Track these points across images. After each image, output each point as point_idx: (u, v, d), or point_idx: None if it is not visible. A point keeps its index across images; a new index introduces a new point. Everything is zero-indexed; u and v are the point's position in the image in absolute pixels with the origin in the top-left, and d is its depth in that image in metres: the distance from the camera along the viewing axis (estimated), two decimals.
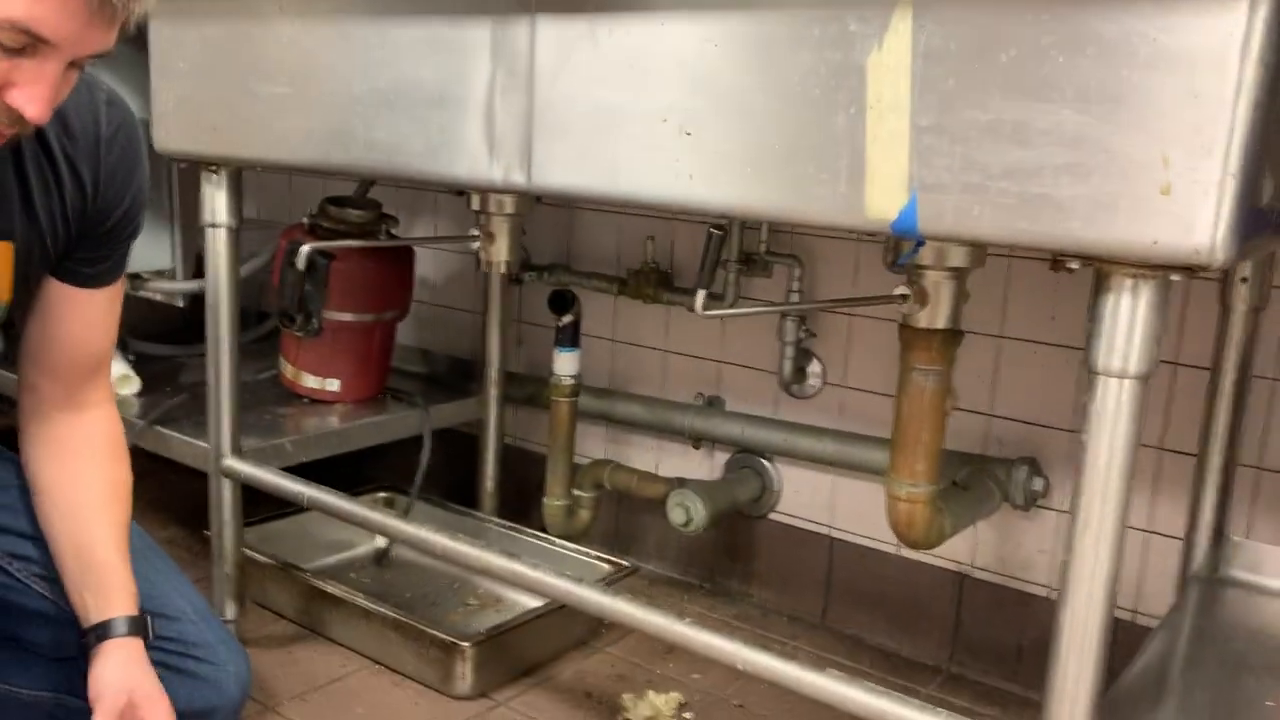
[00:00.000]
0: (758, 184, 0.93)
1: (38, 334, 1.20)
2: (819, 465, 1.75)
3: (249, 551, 1.61)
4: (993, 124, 0.82)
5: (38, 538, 1.24)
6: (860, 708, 1.01)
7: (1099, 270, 0.82)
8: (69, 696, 1.28)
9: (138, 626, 1.18)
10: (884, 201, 0.87)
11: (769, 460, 1.80)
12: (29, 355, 1.22)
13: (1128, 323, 0.81)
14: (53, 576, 1.23)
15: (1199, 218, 0.75)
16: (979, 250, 1.13)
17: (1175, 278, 0.79)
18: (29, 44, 0.86)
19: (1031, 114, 0.81)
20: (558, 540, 1.81)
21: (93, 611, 1.18)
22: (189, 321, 2.16)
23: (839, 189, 0.89)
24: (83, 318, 1.21)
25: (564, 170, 1.07)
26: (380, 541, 1.90)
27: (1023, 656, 1.60)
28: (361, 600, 1.56)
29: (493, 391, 1.95)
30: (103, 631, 1.18)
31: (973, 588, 1.63)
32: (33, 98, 0.86)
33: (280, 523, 1.81)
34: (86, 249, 1.18)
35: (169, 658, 1.25)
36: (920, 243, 0.89)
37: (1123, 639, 1.11)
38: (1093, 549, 0.87)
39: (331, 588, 1.61)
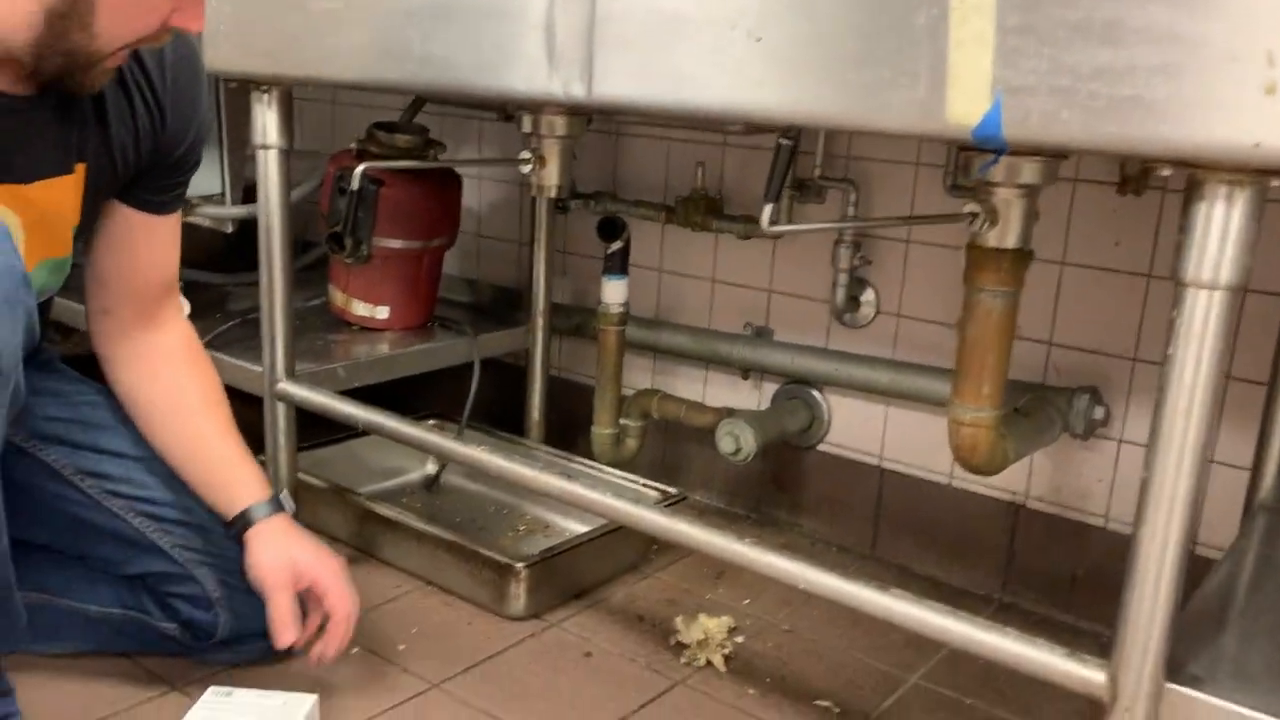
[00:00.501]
0: (831, 90, 0.90)
1: (112, 263, 1.25)
2: (870, 395, 1.73)
3: (302, 476, 1.62)
4: (1082, 23, 0.79)
5: (114, 454, 1.27)
6: (923, 626, 1.00)
7: (1192, 177, 0.79)
8: (136, 613, 1.30)
9: (275, 506, 1.24)
10: (966, 106, 0.84)
11: (819, 391, 1.79)
12: (102, 282, 1.26)
13: (1221, 231, 0.78)
14: (125, 493, 1.26)
15: None
16: (1051, 166, 1.10)
17: (1277, 183, 0.76)
18: None
19: (1124, 11, 0.77)
20: (607, 468, 1.81)
21: (225, 508, 1.24)
22: (235, 250, 2.16)
23: (917, 94, 0.86)
24: (154, 243, 1.27)
25: (626, 82, 1.04)
26: (430, 468, 1.91)
27: (1077, 587, 1.58)
28: (415, 523, 1.57)
29: (539, 321, 1.94)
30: (243, 523, 1.23)
31: (1028, 518, 1.62)
32: (196, 17, 0.96)
33: (331, 449, 1.83)
34: (156, 177, 1.23)
35: (233, 578, 1.28)
36: (1000, 152, 0.86)
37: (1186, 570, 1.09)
38: (1174, 470, 0.85)
39: (385, 510, 1.62)
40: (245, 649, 1.31)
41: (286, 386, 1.52)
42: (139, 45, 1.01)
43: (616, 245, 1.74)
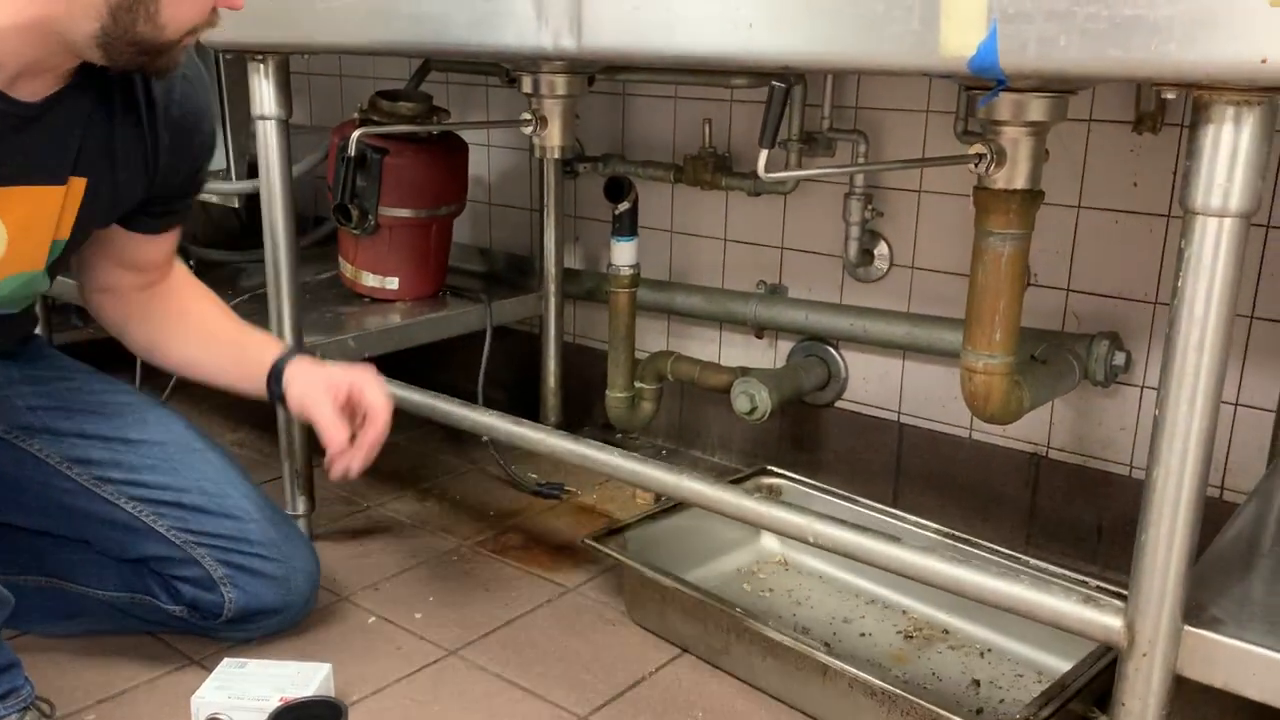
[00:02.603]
0: (823, 27, 0.88)
1: (107, 267, 1.28)
2: (887, 350, 1.70)
3: (640, 569, 1.36)
4: None
5: (101, 438, 1.26)
6: (936, 578, 0.98)
7: (1198, 99, 0.76)
8: (142, 595, 1.30)
9: (295, 351, 1.30)
10: (960, 37, 0.81)
11: (834, 347, 1.76)
12: (97, 278, 1.29)
13: (1229, 155, 0.75)
14: (115, 478, 1.25)
15: None
16: (1059, 102, 1.06)
17: None
18: None
19: None
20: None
21: (259, 374, 1.26)
22: (246, 229, 2.16)
23: (911, 26, 0.83)
24: (152, 252, 1.29)
25: (615, 31, 1.02)
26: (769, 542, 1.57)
27: (1103, 537, 1.56)
28: (826, 659, 1.18)
29: (551, 287, 1.93)
30: (275, 374, 1.25)
31: (1049, 469, 1.59)
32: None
33: (649, 527, 1.48)
34: (163, 201, 1.23)
35: (234, 557, 1.28)
36: (1001, 83, 0.83)
37: (1208, 515, 1.06)
38: (1187, 407, 0.82)
39: (773, 633, 1.23)
40: (256, 626, 1.31)
41: None
42: (199, 31, 1.01)
43: (624, 206, 1.72)
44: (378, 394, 1.21)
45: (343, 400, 1.20)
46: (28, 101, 1.00)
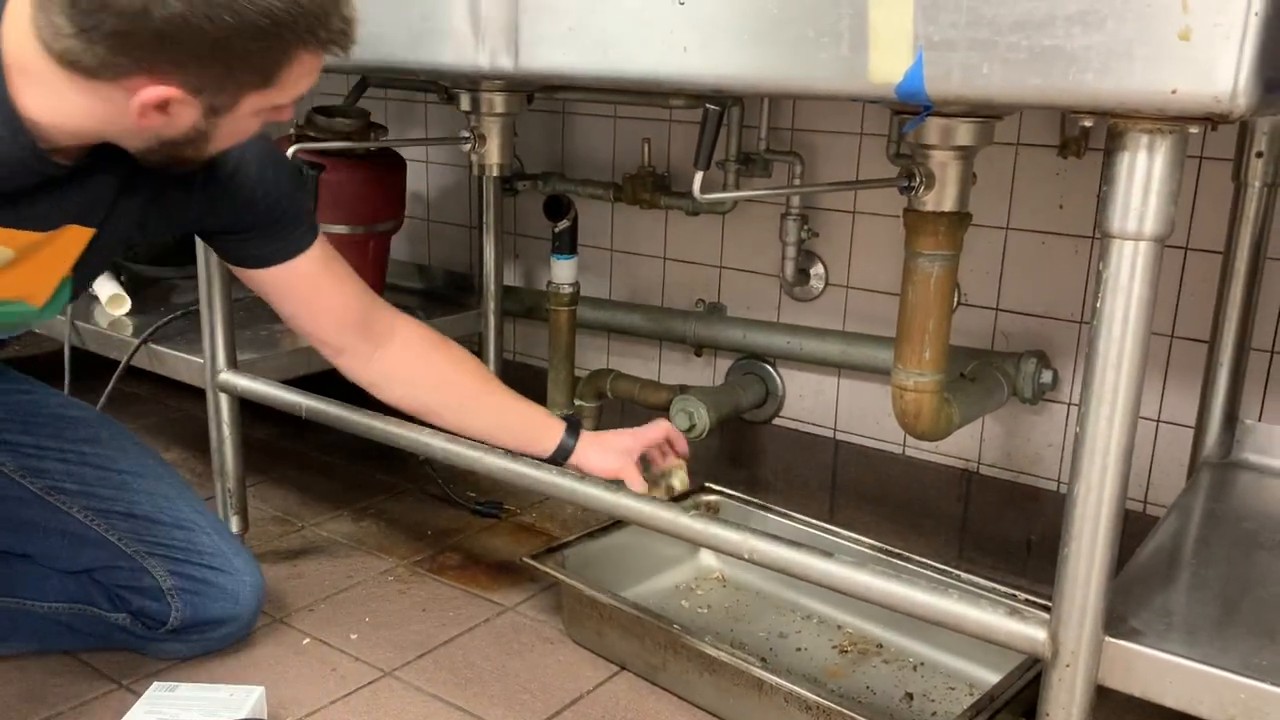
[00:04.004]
0: (756, 52, 0.89)
1: (303, 316, 1.27)
2: (823, 368, 1.73)
3: (581, 587, 1.36)
4: None
5: (55, 450, 1.26)
6: (867, 591, 1.00)
7: (1113, 127, 0.79)
8: (84, 605, 1.29)
9: (575, 428, 1.29)
10: (888, 64, 0.83)
11: (772, 365, 1.78)
12: (311, 336, 1.29)
13: (1144, 181, 0.78)
14: (69, 489, 1.26)
15: (1220, 63, 0.71)
16: (986, 127, 1.09)
17: (1194, 130, 0.76)
18: None
19: None
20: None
21: (541, 451, 1.27)
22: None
23: (841, 53, 0.85)
24: (315, 282, 1.24)
25: (552, 51, 1.03)
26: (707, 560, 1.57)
27: (1032, 551, 1.59)
28: (802, 690, 1.16)
29: (491, 304, 1.92)
30: (564, 455, 1.27)
31: (980, 484, 1.62)
32: (288, 112, 1.01)
33: (587, 545, 1.47)
34: (241, 241, 1.21)
35: (184, 567, 1.28)
36: (927, 108, 0.85)
37: (1132, 529, 1.09)
38: (1106, 424, 0.85)
39: (731, 660, 1.22)
40: (199, 638, 1.30)
41: (228, 376, 1.49)
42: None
43: (563, 224, 1.73)
44: (660, 431, 1.30)
45: (638, 457, 1.28)
46: (57, 163, 0.99)
